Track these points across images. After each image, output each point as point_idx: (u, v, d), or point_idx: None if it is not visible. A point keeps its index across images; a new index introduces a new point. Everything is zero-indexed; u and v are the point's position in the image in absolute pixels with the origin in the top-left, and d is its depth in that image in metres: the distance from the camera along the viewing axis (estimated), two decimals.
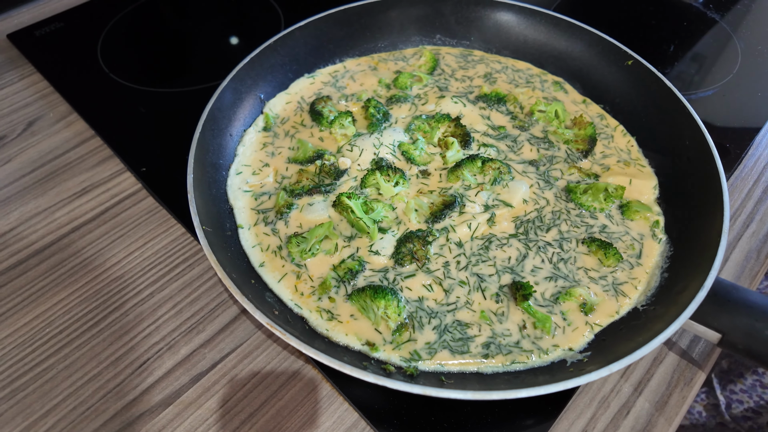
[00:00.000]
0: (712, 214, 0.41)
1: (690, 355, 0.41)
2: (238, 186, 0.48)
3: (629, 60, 0.52)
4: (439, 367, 0.38)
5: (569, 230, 0.45)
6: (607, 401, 0.39)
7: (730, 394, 0.70)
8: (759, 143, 0.57)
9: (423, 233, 0.44)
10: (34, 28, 0.71)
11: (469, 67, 0.60)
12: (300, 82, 0.58)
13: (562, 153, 0.51)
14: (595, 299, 0.41)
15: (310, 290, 0.41)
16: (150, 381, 0.41)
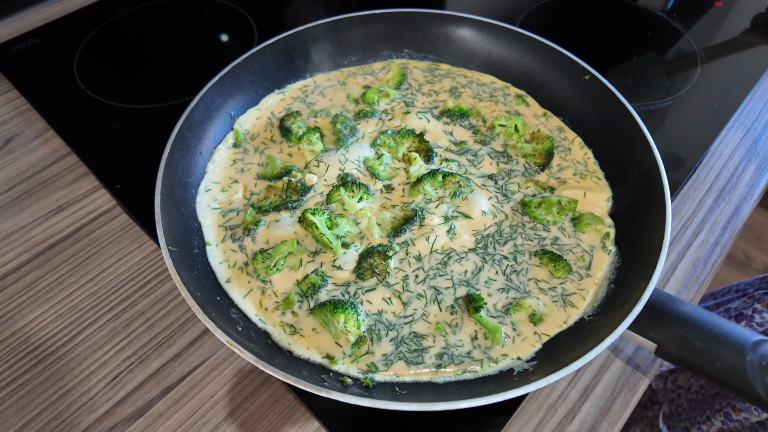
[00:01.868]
0: (656, 229, 0.43)
1: (635, 361, 0.44)
2: (207, 203, 0.50)
3: (587, 75, 0.54)
4: (394, 378, 0.40)
5: (523, 243, 0.47)
6: (555, 407, 0.41)
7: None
8: (713, 153, 0.59)
9: (384, 248, 0.46)
10: (11, 44, 0.72)
11: (435, 81, 0.61)
12: (270, 98, 0.59)
13: (520, 167, 0.53)
14: (544, 310, 0.43)
15: (274, 305, 0.43)
16: (122, 394, 0.42)
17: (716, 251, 0.51)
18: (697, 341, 0.36)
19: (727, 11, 0.76)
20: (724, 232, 0.52)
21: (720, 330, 0.36)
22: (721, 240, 0.51)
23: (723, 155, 0.59)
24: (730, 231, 0.52)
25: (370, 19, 0.61)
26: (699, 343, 0.36)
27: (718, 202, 0.54)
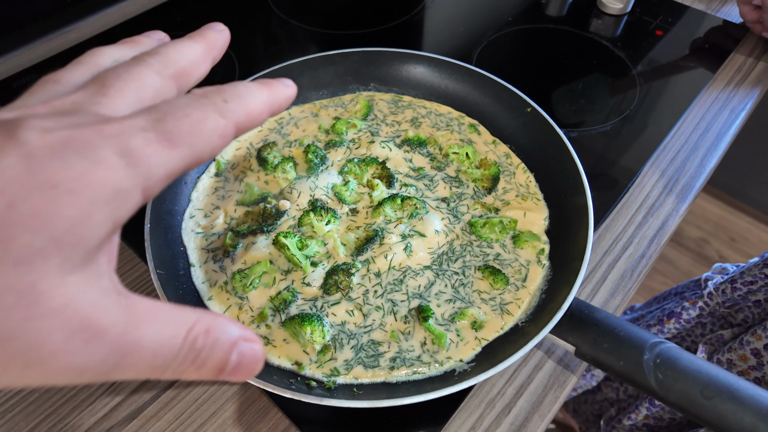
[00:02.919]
0: (581, 242, 0.50)
1: (565, 362, 0.50)
2: (191, 228, 0.56)
3: (528, 108, 0.61)
4: (353, 380, 0.46)
5: (471, 259, 0.54)
6: (494, 402, 0.48)
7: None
8: (645, 173, 0.66)
9: (348, 266, 0.53)
10: (10, 81, 0.78)
11: (398, 112, 0.68)
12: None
13: (470, 190, 0.60)
14: (484, 317, 0.50)
15: (250, 319, 0.50)
16: (118, 399, 0.49)
17: (642, 263, 0.58)
18: (606, 344, 0.43)
19: (668, 40, 0.84)
20: (650, 245, 0.59)
21: (625, 333, 0.43)
22: (647, 252, 0.58)
23: (655, 175, 0.66)
24: (655, 244, 0.59)
25: (340, 57, 0.68)
26: (607, 345, 0.43)
27: (647, 218, 0.61)
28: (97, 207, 0.18)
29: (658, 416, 0.87)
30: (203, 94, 0.23)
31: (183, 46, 0.26)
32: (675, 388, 0.40)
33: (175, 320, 0.21)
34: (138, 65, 0.23)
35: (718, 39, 0.83)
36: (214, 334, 0.22)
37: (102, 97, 0.21)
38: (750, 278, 0.76)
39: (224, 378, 0.23)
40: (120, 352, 0.19)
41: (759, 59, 0.80)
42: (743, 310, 0.78)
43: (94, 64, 0.24)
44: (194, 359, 0.21)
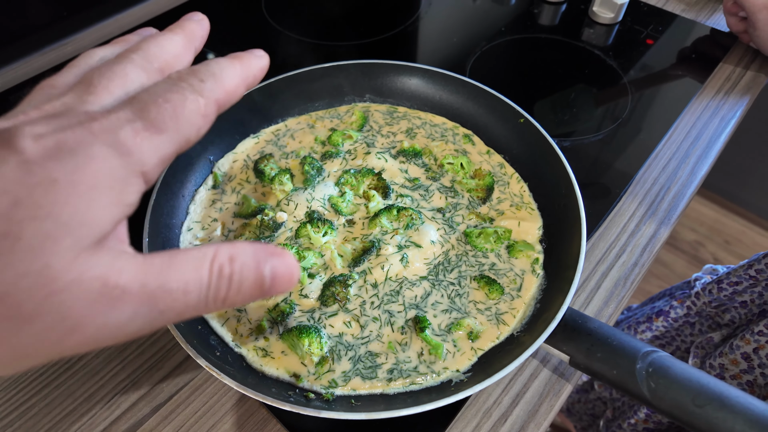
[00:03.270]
0: (574, 251, 0.50)
1: (560, 370, 0.51)
2: (189, 241, 0.57)
3: (521, 118, 0.62)
4: (351, 392, 0.47)
5: (466, 269, 0.55)
6: (490, 412, 0.48)
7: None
8: (637, 182, 0.67)
9: (345, 277, 0.53)
10: (8, 94, 0.79)
11: (393, 123, 0.69)
12: (246, 142, 0.67)
13: (465, 200, 0.60)
14: (480, 328, 0.50)
15: (248, 332, 0.50)
16: (117, 413, 0.49)
17: (635, 270, 0.58)
18: (599, 353, 0.44)
19: (658, 48, 0.85)
20: (643, 253, 0.60)
21: (618, 343, 0.44)
22: (640, 260, 0.59)
23: (647, 183, 0.67)
24: (648, 252, 0.60)
25: (335, 69, 0.69)
26: (600, 355, 0.44)
27: (639, 227, 0.62)
28: (98, 194, 0.20)
29: (657, 420, 0.88)
30: (179, 77, 0.24)
31: (164, 39, 0.27)
32: (667, 397, 0.41)
33: (194, 258, 0.23)
34: (122, 62, 0.25)
35: (708, 47, 0.85)
36: (238, 258, 0.23)
37: (89, 95, 0.23)
38: (735, 279, 0.77)
39: (271, 292, 0.25)
40: (149, 301, 0.21)
41: (747, 68, 0.81)
42: (730, 311, 0.79)
43: (85, 64, 0.26)
44: (229, 286, 0.23)
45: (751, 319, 0.76)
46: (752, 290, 0.76)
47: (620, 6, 0.86)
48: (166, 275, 0.21)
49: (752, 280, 0.76)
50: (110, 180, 0.20)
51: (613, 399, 1.03)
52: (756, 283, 0.75)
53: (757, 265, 0.76)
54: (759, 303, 0.76)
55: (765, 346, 0.70)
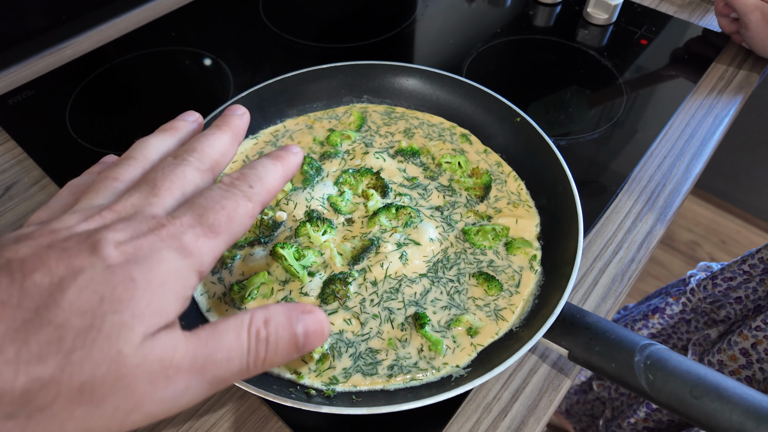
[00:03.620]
0: (571, 247, 0.51)
1: (559, 365, 0.51)
2: None
3: (518, 117, 0.63)
4: (352, 388, 0.47)
5: (465, 267, 0.55)
6: (490, 407, 0.49)
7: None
8: (633, 179, 0.67)
9: (344, 275, 0.54)
10: (6, 97, 0.79)
11: (391, 123, 0.70)
12: (245, 143, 0.67)
13: (462, 199, 0.61)
14: (479, 324, 0.51)
15: None
16: None
17: (632, 267, 0.59)
18: (598, 347, 0.44)
19: (653, 49, 0.86)
20: (639, 249, 0.60)
21: (616, 336, 0.44)
22: (636, 257, 0.60)
23: (642, 181, 0.67)
24: (644, 248, 0.60)
25: (333, 71, 0.69)
26: (599, 348, 0.44)
27: (635, 223, 0.63)
28: (166, 290, 0.23)
29: (657, 419, 0.88)
30: (231, 183, 0.28)
31: (214, 139, 0.31)
32: (665, 389, 0.41)
33: (234, 327, 0.25)
34: (180, 165, 0.28)
35: (701, 48, 0.86)
36: (272, 320, 0.26)
37: (154, 197, 0.26)
38: (729, 274, 0.78)
39: (305, 349, 0.27)
40: (198, 374, 0.24)
41: (740, 68, 0.82)
42: (725, 307, 0.80)
43: (143, 158, 0.30)
44: (266, 348, 0.25)
45: (747, 314, 0.77)
46: (746, 286, 0.77)
47: (614, 7, 0.87)
48: (211, 347, 0.24)
49: (746, 275, 0.76)
50: (176, 277, 0.24)
51: (612, 399, 1.03)
52: (750, 278, 0.76)
53: (750, 260, 0.76)
54: (753, 299, 0.77)
55: (763, 341, 0.70)
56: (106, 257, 0.22)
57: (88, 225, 0.25)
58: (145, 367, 0.22)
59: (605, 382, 1.06)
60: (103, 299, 0.22)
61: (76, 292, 0.21)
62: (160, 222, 0.25)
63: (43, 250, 0.22)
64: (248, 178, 0.29)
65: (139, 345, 0.22)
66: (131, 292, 0.22)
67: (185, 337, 0.24)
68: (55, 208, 0.29)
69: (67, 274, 0.22)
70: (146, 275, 0.23)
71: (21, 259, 0.22)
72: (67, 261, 0.22)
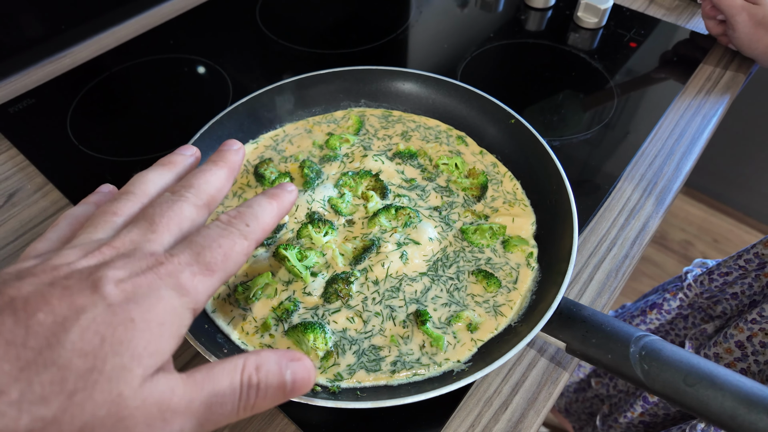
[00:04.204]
0: (566, 244, 0.52)
1: (557, 359, 0.53)
2: None
3: (512, 119, 0.64)
4: (356, 384, 0.48)
5: (464, 265, 0.56)
6: (491, 400, 0.50)
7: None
8: (625, 178, 0.69)
9: (346, 275, 0.55)
10: (7, 106, 0.80)
11: (389, 127, 0.71)
12: (246, 147, 0.68)
13: (460, 199, 0.62)
14: (479, 320, 0.52)
15: (254, 329, 0.51)
16: None
17: (626, 263, 0.60)
18: (594, 339, 0.46)
19: (642, 51, 0.88)
20: (633, 245, 0.62)
21: (611, 329, 0.46)
22: (630, 252, 0.61)
23: (634, 179, 0.69)
24: (638, 244, 0.62)
25: (330, 76, 0.71)
26: (595, 341, 0.46)
27: (628, 221, 0.64)
28: (163, 329, 0.24)
29: (653, 413, 0.89)
30: (228, 221, 0.29)
31: (211, 175, 0.32)
32: (660, 378, 0.43)
33: (228, 370, 0.26)
34: (178, 201, 0.29)
35: (688, 50, 0.88)
36: (263, 367, 0.27)
37: (152, 234, 0.27)
38: (726, 269, 0.80)
39: (292, 395, 0.28)
40: (193, 416, 0.24)
41: (726, 68, 0.84)
42: (721, 302, 0.81)
43: (142, 193, 0.31)
44: (257, 393, 0.26)
45: (743, 309, 0.78)
46: (742, 281, 0.78)
47: (604, 11, 0.89)
48: (206, 392, 0.25)
49: (742, 270, 0.78)
50: (172, 317, 0.24)
51: (609, 395, 1.04)
52: (746, 273, 0.78)
53: (746, 255, 0.78)
54: (749, 294, 0.79)
55: (758, 333, 0.72)
56: (107, 296, 0.23)
57: (88, 261, 0.25)
58: (144, 409, 0.22)
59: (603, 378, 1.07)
60: (104, 340, 0.22)
61: (78, 332, 0.22)
62: (158, 260, 0.25)
63: (45, 288, 0.23)
64: (245, 217, 0.29)
65: (139, 387, 0.22)
66: (131, 333, 0.23)
67: (182, 380, 0.24)
68: (52, 240, 0.29)
69: (69, 313, 0.22)
70: (145, 315, 0.23)
71: (24, 297, 0.22)
72: (69, 300, 0.22)
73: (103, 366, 0.22)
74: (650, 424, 0.91)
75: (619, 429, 0.98)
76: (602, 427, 1.03)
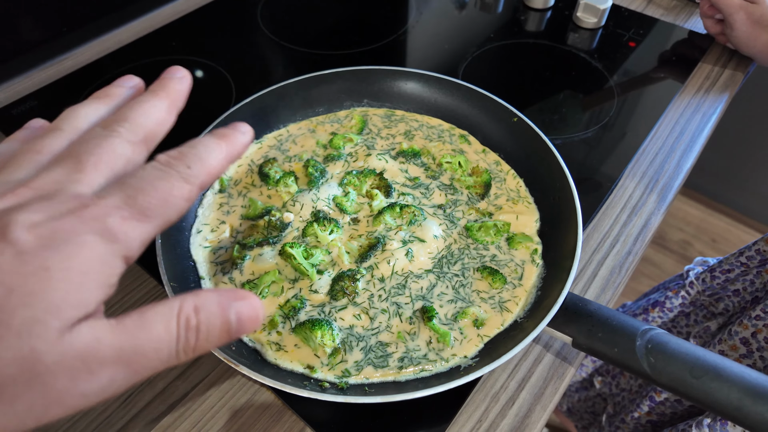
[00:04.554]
0: (571, 241, 0.53)
1: (563, 354, 0.53)
2: (199, 243, 0.58)
3: (515, 117, 0.65)
4: (364, 380, 0.48)
5: (469, 261, 0.57)
6: (498, 396, 0.50)
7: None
8: (627, 175, 0.70)
9: (352, 272, 0.55)
10: (10, 108, 0.80)
11: (392, 126, 0.72)
12: (249, 148, 0.69)
13: (464, 197, 0.63)
14: (485, 315, 0.52)
15: (261, 327, 0.52)
16: (134, 412, 0.50)
17: (629, 259, 0.61)
18: (600, 333, 0.46)
19: (641, 50, 0.89)
20: (635, 242, 0.63)
21: (617, 323, 0.46)
22: (633, 249, 0.62)
23: (636, 177, 0.70)
24: (640, 241, 0.63)
25: (333, 76, 0.71)
26: (601, 335, 0.46)
27: (630, 217, 0.65)
28: (86, 278, 0.21)
29: (660, 412, 0.90)
30: (167, 162, 0.25)
31: (149, 106, 0.28)
32: (666, 371, 0.43)
33: (162, 314, 0.24)
34: (110, 136, 0.26)
35: (687, 49, 0.89)
36: (203, 308, 0.24)
37: (79, 174, 0.24)
38: (727, 266, 0.80)
39: (239, 334, 0.26)
40: (125, 365, 0.22)
41: (725, 67, 0.85)
42: (723, 300, 0.82)
43: (72, 129, 0.27)
44: (197, 336, 0.24)
45: (745, 306, 0.79)
46: (744, 278, 0.79)
47: (603, 11, 0.90)
48: (137, 337, 0.22)
49: (743, 267, 0.79)
50: (98, 265, 0.22)
51: (613, 394, 1.05)
52: (747, 270, 0.78)
53: (747, 252, 0.79)
54: (751, 291, 0.79)
55: (762, 330, 0.72)
56: (17, 242, 0.20)
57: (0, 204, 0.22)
58: (65, 363, 0.20)
59: (607, 377, 1.08)
60: (11, 291, 0.20)
61: None
62: (83, 202, 0.22)
63: None
64: (186, 158, 0.26)
65: (57, 341, 0.20)
66: (45, 284, 0.20)
67: (110, 328, 0.22)
68: None
69: None
70: (64, 263, 0.21)
71: None
72: None
73: (10, 320, 0.19)
74: (658, 423, 0.92)
75: (626, 429, 0.98)
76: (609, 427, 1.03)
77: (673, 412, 0.87)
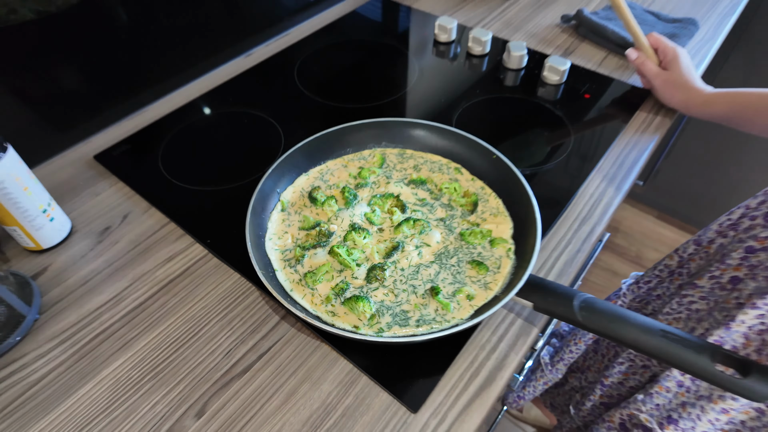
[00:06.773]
0: (533, 245, 0.76)
1: (529, 319, 0.76)
2: (271, 246, 0.81)
3: (494, 155, 0.90)
4: (393, 335, 0.71)
5: (462, 257, 0.80)
6: (484, 346, 0.73)
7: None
8: (580, 195, 0.94)
9: (381, 265, 0.79)
10: (111, 150, 1.04)
11: (404, 161, 0.96)
12: (301, 179, 0.93)
13: (458, 212, 0.87)
14: (474, 292, 0.75)
15: (320, 302, 0.74)
16: (233, 361, 0.72)
17: (578, 256, 0.84)
18: (550, 298, 0.69)
19: (592, 101, 1.15)
20: (583, 243, 0.86)
21: (561, 291, 0.69)
22: (582, 248, 0.85)
23: (585, 197, 0.94)
24: (587, 243, 0.86)
25: (361, 125, 0.96)
26: (551, 299, 0.69)
27: (581, 226, 0.89)
28: None
29: (609, 394, 1.12)
30: None
31: None
32: (592, 320, 0.66)
33: None
34: None
35: (629, 99, 1.15)
36: None
37: None
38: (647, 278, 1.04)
39: None
40: None
41: (657, 114, 1.11)
42: (650, 303, 1.06)
43: None
44: None
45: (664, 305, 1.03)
46: (661, 285, 1.03)
47: (563, 71, 1.17)
48: None
49: (658, 278, 1.03)
50: None
51: (582, 387, 1.26)
52: (662, 280, 1.02)
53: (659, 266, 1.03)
54: (668, 294, 1.03)
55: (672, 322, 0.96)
56: None
57: None
58: None
59: (577, 373, 1.29)
60: None
61: None
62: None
63: None
64: None
65: None
66: None
67: None
68: None
69: None
70: None
71: None
72: None
73: None
74: (608, 404, 1.14)
75: (586, 411, 1.20)
76: (574, 411, 1.25)
77: (618, 393, 1.09)
